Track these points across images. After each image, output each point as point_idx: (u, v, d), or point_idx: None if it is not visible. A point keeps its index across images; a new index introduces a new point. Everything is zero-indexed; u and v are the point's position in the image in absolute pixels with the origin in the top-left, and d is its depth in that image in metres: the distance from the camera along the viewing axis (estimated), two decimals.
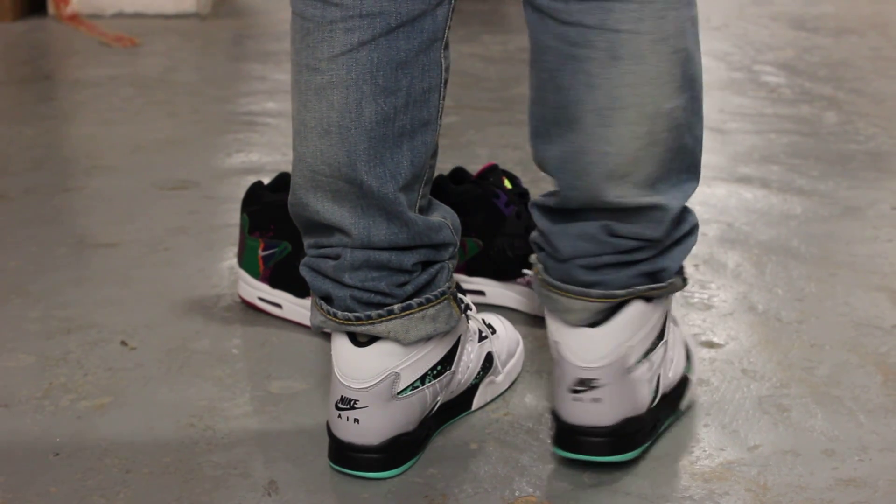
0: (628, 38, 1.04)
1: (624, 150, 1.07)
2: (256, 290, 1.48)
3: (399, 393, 1.11)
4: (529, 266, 1.24)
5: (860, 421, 1.23)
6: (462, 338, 1.19)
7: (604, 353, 1.10)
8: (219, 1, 3.85)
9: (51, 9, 3.53)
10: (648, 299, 1.12)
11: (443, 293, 1.13)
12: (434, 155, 1.14)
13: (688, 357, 1.24)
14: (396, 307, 1.10)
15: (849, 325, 1.46)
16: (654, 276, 1.12)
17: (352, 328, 1.11)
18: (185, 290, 1.56)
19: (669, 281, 1.13)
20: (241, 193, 1.50)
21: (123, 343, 1.40)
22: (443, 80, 1.10)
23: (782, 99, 2.63)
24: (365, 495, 1.08)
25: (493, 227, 1.47)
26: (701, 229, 1.77)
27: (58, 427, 1.21)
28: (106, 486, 1.10)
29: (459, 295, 1.18)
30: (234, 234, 1.73)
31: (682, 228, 1.13)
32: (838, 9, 3.79)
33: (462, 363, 1.20)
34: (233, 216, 1.80)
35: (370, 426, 1.10)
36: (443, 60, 1.10)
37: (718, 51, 3.13)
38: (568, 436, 1.11)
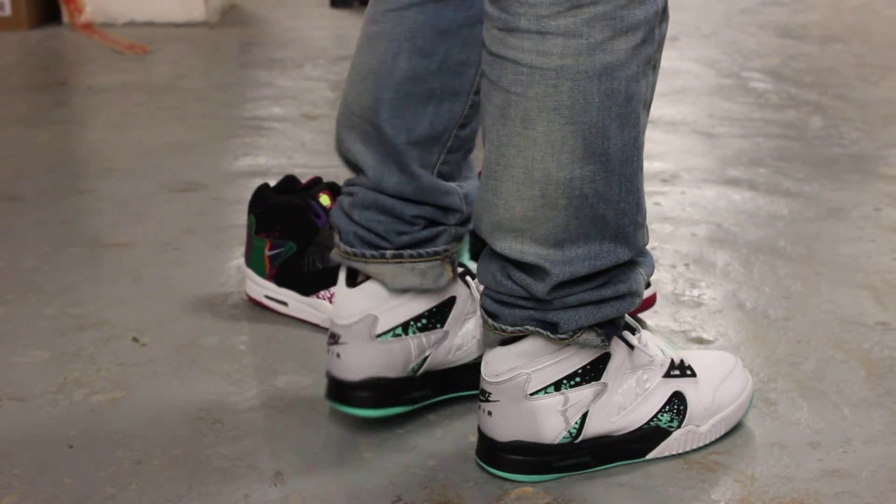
0: (517, 100, 0.99)
1: (511, 207, 1.02)
2: (263, 289, 1.48)
3: (378, 336, 1.14)
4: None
5: (844, 414, 1.23)
6: (460, 302, 1.18)
7: (497, 372, 1.08)
8: (226, 10, 3.85)
9: (65, 18, 3.53)
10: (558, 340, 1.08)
11: (437, 253, 1.15)
12: (464, 127, 1.15)
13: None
14: (389, 253, 1.14)
15: (833, 321, 1.46)
16: (546, 325, 1.06)
17: (349, 262, 1.16)
18: (194, 288, 1.56)
19: (568, 335, 1.06)
20: (248, 195, 1.50)
21: (135, 339, 1.40)
22: (483, 60, 1.06)
23: (769, 104, 2.63)
24: (367, 486, 1.08)
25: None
26: (690, 229, 1.79)
27: (72, 420, 1.21)
28: (118, 478, 1.10)
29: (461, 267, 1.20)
30: (242, 234, 1.74)
31: (587, 294, 1.05)
32: (823, 18, 3.79)
33: (463, 330, 1.20)
34: (240, 217, 1.80)
35: (350, 362, 1.15)
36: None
37: (708, 58, 3.13)
38: (479, 436, 1.12)
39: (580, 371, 1.09)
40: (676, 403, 1.14)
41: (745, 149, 2.26)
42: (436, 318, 1.17)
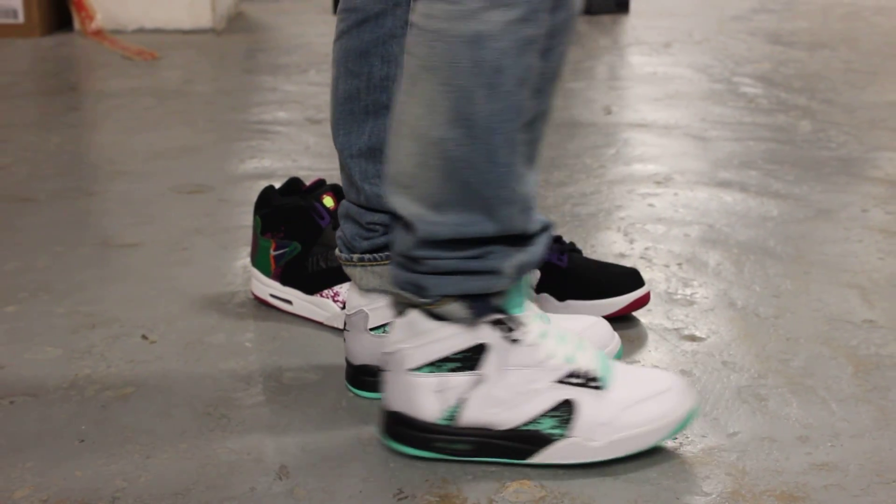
0: (408, 59, 1.03)
1: (400, 162, 1.06)
2: (268, 288, 1.48)
3: (372, 329, 1.23)
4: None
5: (832, 409, 1.23)
6: None
7: (389, 344, 1.13)
8: (233, 17, 3.85)
9: (77, 25, 3.53)
10: (434, 315, 1.09)
11: (387, 257, 1.20)
12: None
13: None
14: (355, 257, 1.23)
15: (822, 319, 1.46)
16: (415, 288, 1.08)
17: (340, 264, 1.26)
18: (202, 287, 1.56)
19: (434, 300, 1.08)
20: (254, 197, 1.51)
21: (144, 337, 1.40)
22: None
23: (760, 108, 2.63)
24: (370, 479, 1.08)
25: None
26: (682, 230, 1.79)
27: (83, 415, 1.21)
28: (128, 471, 1.10)
29: None
30: (248, 235, 1.74)
31: (456, 262, 1.06)
32: (812, 24, 3.79)
33: None
34: (246, 218, 1.80)
35: (350, 348, 1.25)
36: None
37: (700, 63, 3.13)
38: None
39: (459, 357, 1.09)
40: (564, 411, 1.09)
41: (736, 152, 2.26)
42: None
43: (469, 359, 1.10)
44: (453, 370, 1.10)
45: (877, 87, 2.86)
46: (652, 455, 1.13)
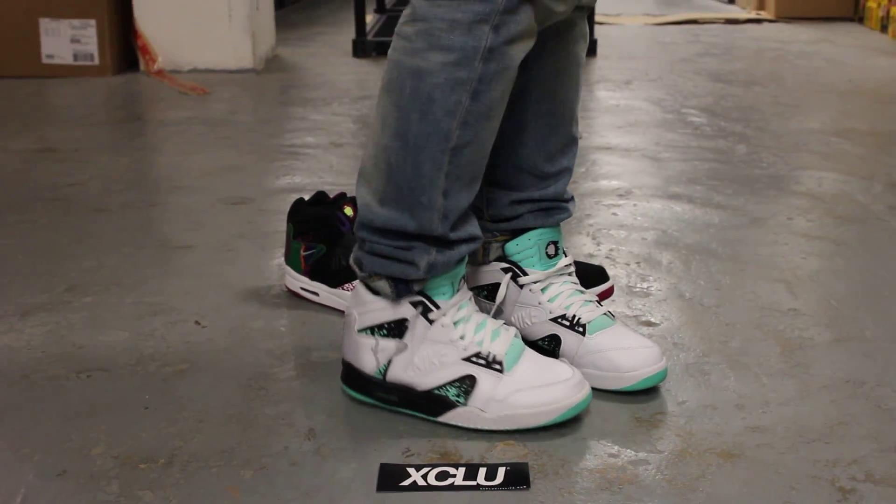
0: (383, 77, 1.08)
1: (365, 161, 1.10)
2: (299, 282, 1.48)
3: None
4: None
5: (763, 382, 1.23)
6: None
7: (346, 307, 1.17)
8: (270, 59, 3.85)
9: (142, 66, 3.53)
10: (369, 288, 1.12)
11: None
12: None
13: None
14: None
15: (755, 308, 1.46)
16: (358, 264, 1.13)
17: None
18: (244, 281, 1.56)
19: (367, 275, 1.11)
20: (287, 207, 1.50)
21: (197, 322, 1.40)
22: None
23: (704, 135, 2.63)
24: (382, 440, 1.08)
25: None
26: (640, 234, 1.79)
27: (146, 387, 1.21)
28: (184, 433, 1.10)
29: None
30: (282, 238, 1.74)
31: (386, 248, 1.09)
32: (747, 66, 3.79)
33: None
34: (281, 225, 1.80)
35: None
36: None
37: (654, 97, 3.13)
38: None
39: (387, 326, 1.11)
40: (466, 384, 1.09)
41: (684, 170, 2.26)
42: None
43: (395, 329, 1.11)
44: (384, 336, 1.12)
45: (800, 117, 2.85)
46: (615, 420, 1.13)
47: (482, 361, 1.10)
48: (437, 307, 1.10)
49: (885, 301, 1.48)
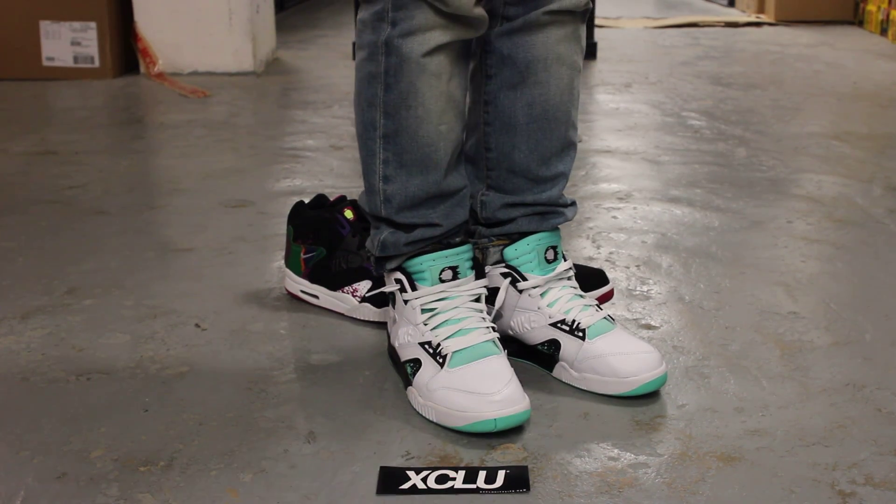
0: None
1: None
2: (299, 285, 1.48)
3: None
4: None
5: (763, 385, 1.23)
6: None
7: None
8: (270, 62, 3.85)
9: (142, 68, 3.53)
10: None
11: None
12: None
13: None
14: None
15: (754, 311, 1.46)
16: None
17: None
18: (244, 284, 1.56)
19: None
20: (288, 210, 1.50)
21: (197, 325, 1.40)
22: None
23: (703, 138, 2.64)
24: (383, 443, 1.08)
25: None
26: (640, 238, 1.79)
27: (146, 390, 1.21)
28: (184, 435, 1.10)
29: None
30: (282, 241, 1.74)
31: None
32: (746, 69, 3.79)
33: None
34: (281, 228, 1.81)
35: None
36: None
37: (654, 101, 3.14)
38: None
39: (391, 295, 1.22)
40: (414, 365, 1.16)
41: (684, 173, 2.26)
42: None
43: (394, 301, 1.21)
44: (392, 306, 1.23)
45: (799, 120, 2.86)
46: (615, 423, 1.13)
47: (430, 350, 1.16)
48: (414, 289, 1.17)
49: (885, 304, 1.48)
